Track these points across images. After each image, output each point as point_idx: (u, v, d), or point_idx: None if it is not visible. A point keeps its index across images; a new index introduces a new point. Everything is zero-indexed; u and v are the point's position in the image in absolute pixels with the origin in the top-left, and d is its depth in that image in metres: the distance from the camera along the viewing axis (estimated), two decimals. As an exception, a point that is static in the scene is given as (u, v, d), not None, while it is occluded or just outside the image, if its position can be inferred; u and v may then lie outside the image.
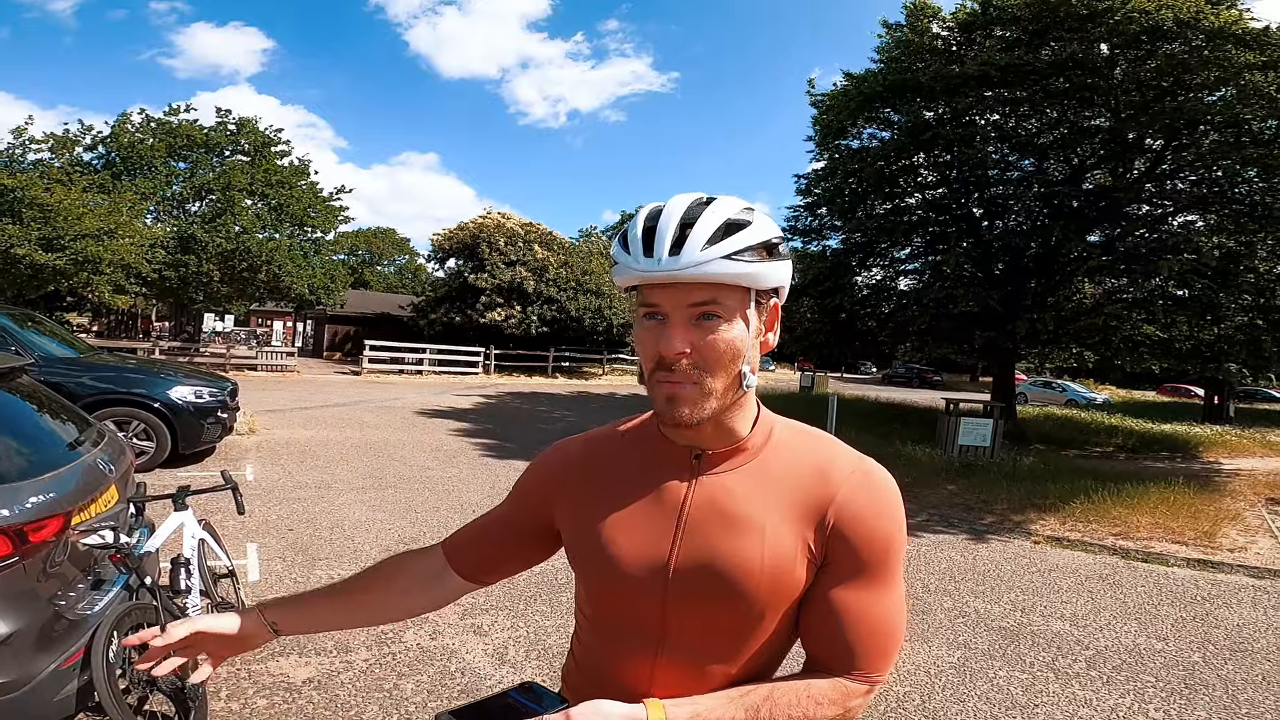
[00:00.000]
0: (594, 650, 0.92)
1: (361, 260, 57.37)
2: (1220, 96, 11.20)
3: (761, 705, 0.79)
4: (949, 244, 14.88)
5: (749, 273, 0.77)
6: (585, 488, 0.91)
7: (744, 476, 0.85)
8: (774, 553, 0.81)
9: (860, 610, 0.81)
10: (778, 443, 0.87)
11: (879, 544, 0.81)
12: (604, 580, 0.87)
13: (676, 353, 0.77)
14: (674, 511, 0.84)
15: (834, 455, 0.86)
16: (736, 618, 0.82)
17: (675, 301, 0.78)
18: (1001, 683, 3.40)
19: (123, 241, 17.90)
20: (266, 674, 3.00)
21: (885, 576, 0.83)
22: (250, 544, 4.63)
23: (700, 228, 0.76)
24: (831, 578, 0.82)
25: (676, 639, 0.84)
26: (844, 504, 0.81)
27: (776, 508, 0.82)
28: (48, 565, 2.19)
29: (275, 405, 12.24)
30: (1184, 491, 7.60)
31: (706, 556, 0.81)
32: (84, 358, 7.17)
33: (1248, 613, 4.67)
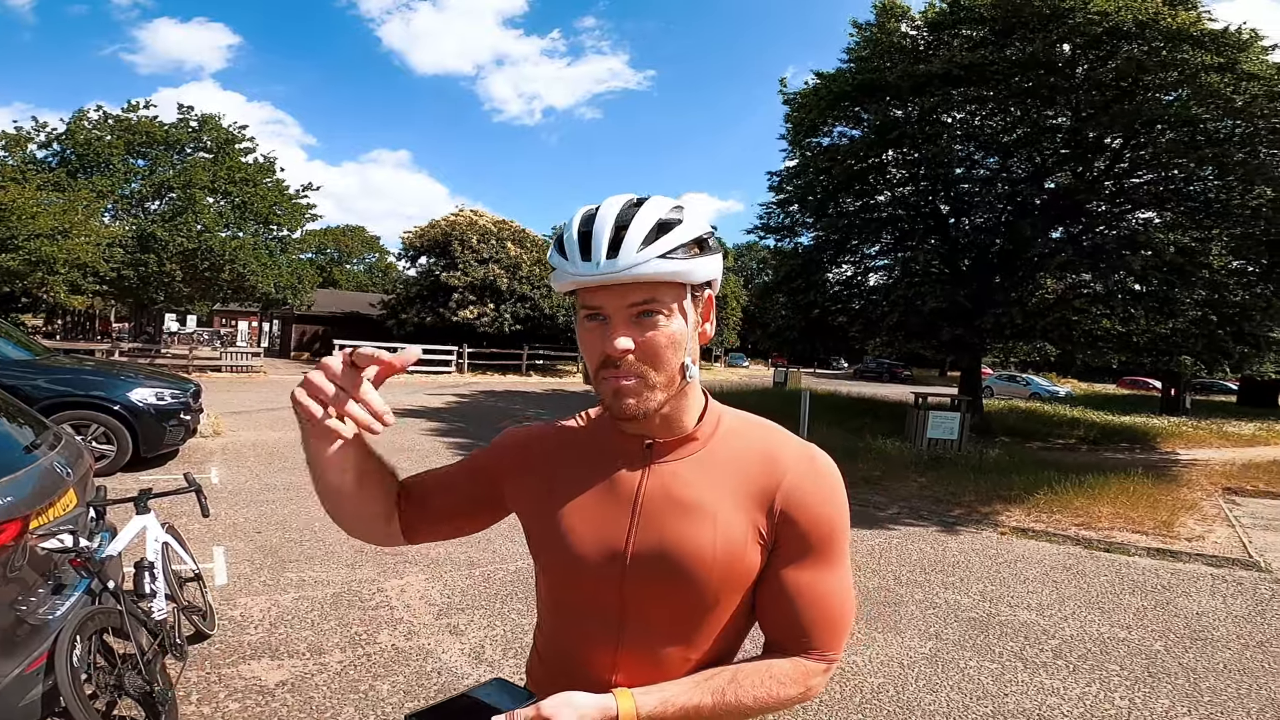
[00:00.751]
0: (556, 640, 0.94)
1: (330, 259, 56.35)
2: (1177, 97, 11.51)
3: (726, 688, 0.82)
4: (917, 241, 15.15)
5: (683, 269, 0.79)
6: (542, 474, 0.93)
7: (695, 464, 0.88)
8: (726, 538, 0.84)
9: (812, 591, 0.85)
10: (726, 431, 0.91)
11: (825, 527, 0.86)
12: (563, 568, 0.89)
13: (621, 351, 0.79)
14: (629, 500, 0.87)
15: (780, 443, 0.90)
16: (693, 602, 0.84)
17: (616, 302, 0.80)
18: (972, 673, 3.47)
19: (78, 241, 17.36)
20: (238, 677, 2.94)
21: (832, 558, 0.87)
22: (217, 547, 4.53)
23: (634, 229, 0.78)
24: (782, 560, 0.86)
25: (636, 625, 0.86)
26: (791, 489, 0.85)
27: (727, 494, 0.86)
28: (7, 570, 2.15)
29: (241, 407, 11.97)
30: (1143, 482, 7.84)
31: (662, 543, 0.84)
32: (40, 360, 6.94)
33: (1206, 601, 4.82)
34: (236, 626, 3.42)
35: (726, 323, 40.98)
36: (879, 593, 4.58)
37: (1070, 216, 13.36)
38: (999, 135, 13.80)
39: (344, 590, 3.99)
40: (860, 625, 3.99)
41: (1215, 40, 10.95)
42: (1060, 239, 13.69)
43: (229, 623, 3.45)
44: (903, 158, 14.66)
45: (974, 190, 14.16)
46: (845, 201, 15.68)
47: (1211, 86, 10.80)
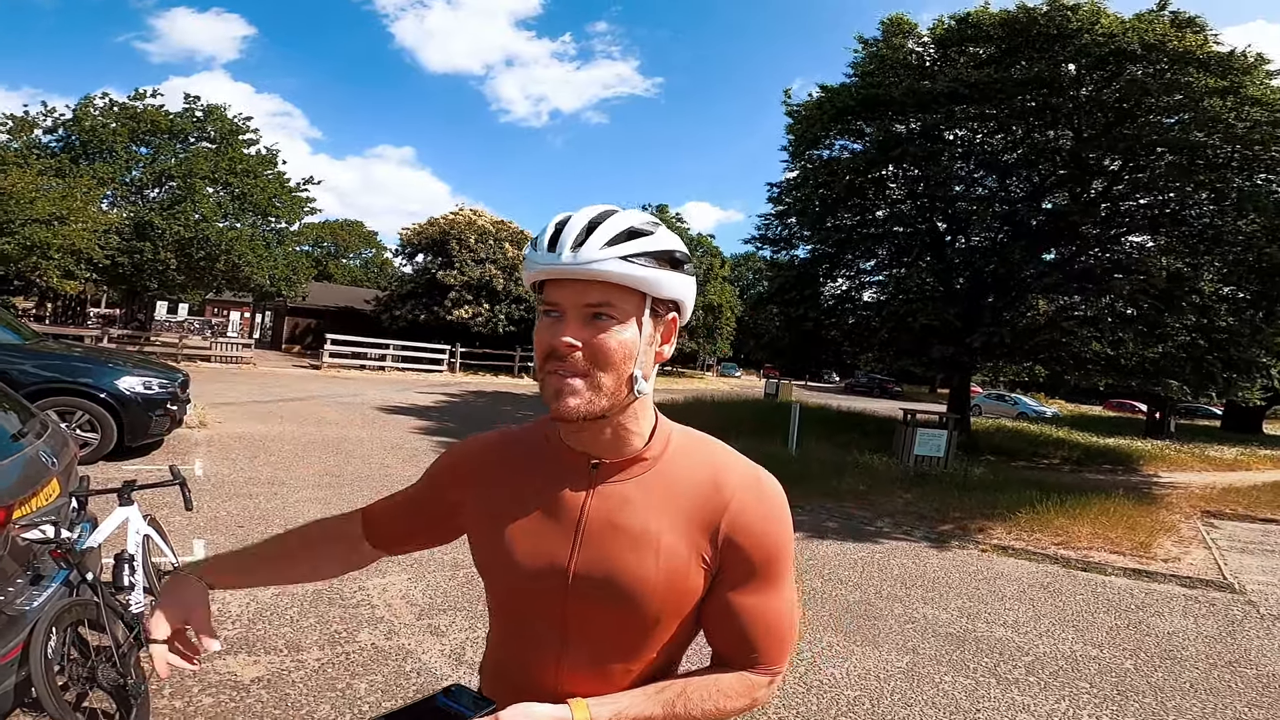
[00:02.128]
0: (503, 648, 0.95)
1: (326, 252, 56.13)
2: (1178, 120, 11.59)
3: (677, 700, 0.85)
4: (913, 258, 15.25)
5: (644, 277, 0.80)
6: (491, 487, 0.93)
7: (640, 487, 0.87)
8: (669, 565, 0.84)
9: (757, 611, 0.87)
10: (674, 452, 0.90)
11: (770, 550, 0.87)
12: (506, 583, 0.90)
13: (568, 344, 0.79)
14: (572, 520, 0.86)
15: (727, 465, 0.90)
16: (634, 624, 0.86)
17: (572, 299, 0.80)
18: (947, 688, 3.51)
19: (74, 227, 17.27)
20: (213, 672, 2.93)
21: (777, 579, 0.89)
22: (198, 540, 4.52)
23: (604, 229, 0.80)
24: (728, 584, 0.87)
25: (579, 640, 0.87)
26: (736, 514, 0.86)
27: (672, 519, 0.86)
28: None
29: (229, 398, 11.91)
30: (1123, 503, 7.92)
31: (603, 568, 0.84)
32: (28, 344, 6.89)
33: (1178, 621, 4.89)
34: (215, 621, 3.37)
35: (720, 332, 41.07)
36: (859, 606, 4.61)
37: (1064, 238, 13.48)
38: (999, 154, 13.93)
39: (325, 588, 3.99)
40: (839, 637, 4.02)
41: (1221, 63, 11.02)
42: (1053, 261, 13.82)
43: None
44: (903, 174, 14.77)
45: (971, 209, 14.26)
46: (843, 215, 15.78)
47: (1214, 111, 10.87)
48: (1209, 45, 11.15)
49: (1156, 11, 11.78)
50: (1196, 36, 11.16)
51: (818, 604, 4.58)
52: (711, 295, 38.91)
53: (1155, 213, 12.91)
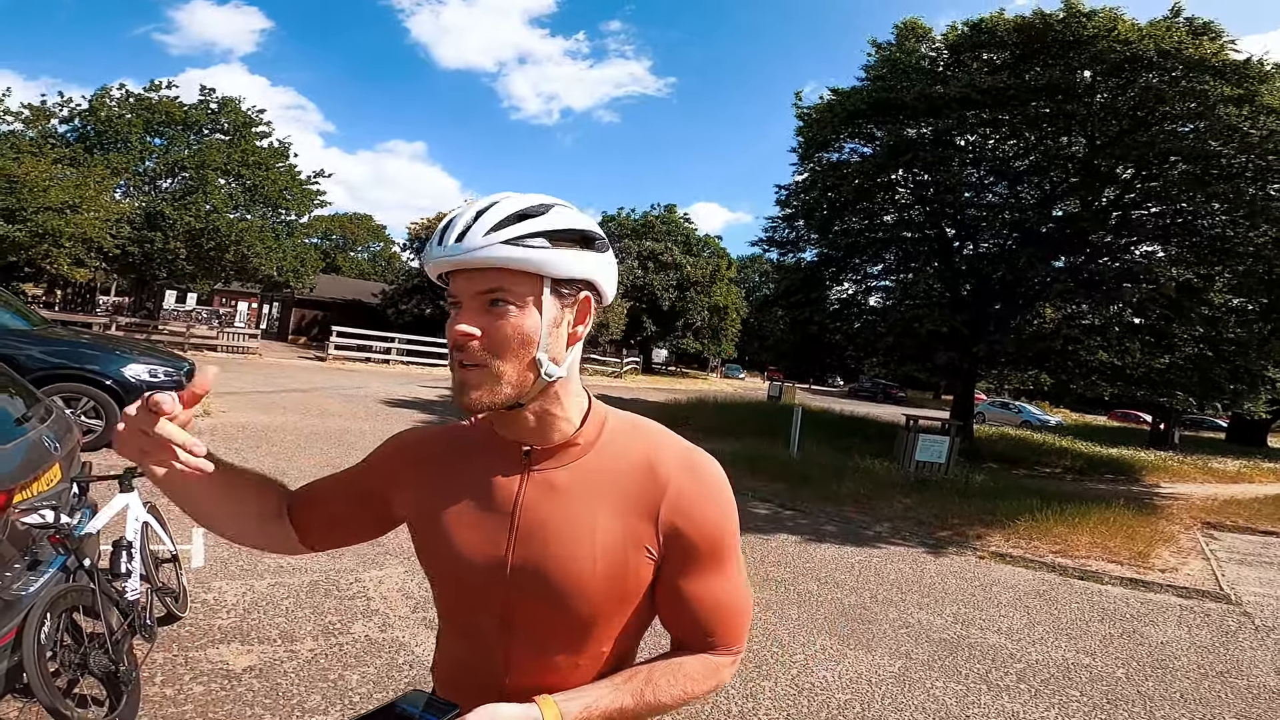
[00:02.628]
0: (452, 645, 0.94)
1: (335, 245, 56.38)
2: (1193, 129, 11.49)
3: (644, 689, 0.84)
4: (920, 263, 15.21)
5: (534, 259, 0.77)
6: (432, 479, 0.91)
7: (575, 473, 0.85)
8: (606, 555, 0.82)
9: (710, 595, 0.87)
10: (609, 437, 0.88)
11: (714, 532, 0.86)
12: (448, 577, 0.88)
13: (464, 335, 0.78)
14: (507, 510, 0.85)
15: (662, 447, 0.88)
16: (578, 615, 0.84)
17: (467, 289, 0.79)
18: (938, 693, 3.51)
19: (86, 216, 17.43)
20: (205, 661, 2.96)
21: (725, 560, 0.88)
22: (196, 529, 4.54)
23: (489, 216, 0.77)
24: (676, 570, 0.86)
25: (523, 634, 0.86)
26: (675, 500, 0.84)
27: (608, 506, 0.84)
28: None
29: (234, 388, 11.98)
30: (1123, 513, 7.89)
31: (540, 560, 0.83)
32: (36, 330, 6.96)
33: (1172, 631, 4.88)
34: (209, 610, 3.45)
35: (725, 334, 41.04)
36: (854, 610, 4.62)
37: (1073, 246, 13.41)
38: (1011, 161, 13.86)
39: (321, 579, 4.02)
40: (833, 641, 4.03)
41: (1237, 71, 10.92)
42: (1061, 268, 13.75)
43: (201, 606, 3.47)
44: (912, 179, 14.72)
45: (981, 215, 14.20)
46: (851, 219, 15.75)
47: (1229, 119, 10.76)
48: (1225, 52, 11.05)
49: (1172, 18, 11.70)
50: (1213, 44, 11.05)
51: (813, 607, 4.59)
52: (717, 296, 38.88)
53: (1166, 222, 12.82)
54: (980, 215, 14.20)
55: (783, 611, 4.43)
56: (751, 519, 7.15)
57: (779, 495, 8.25)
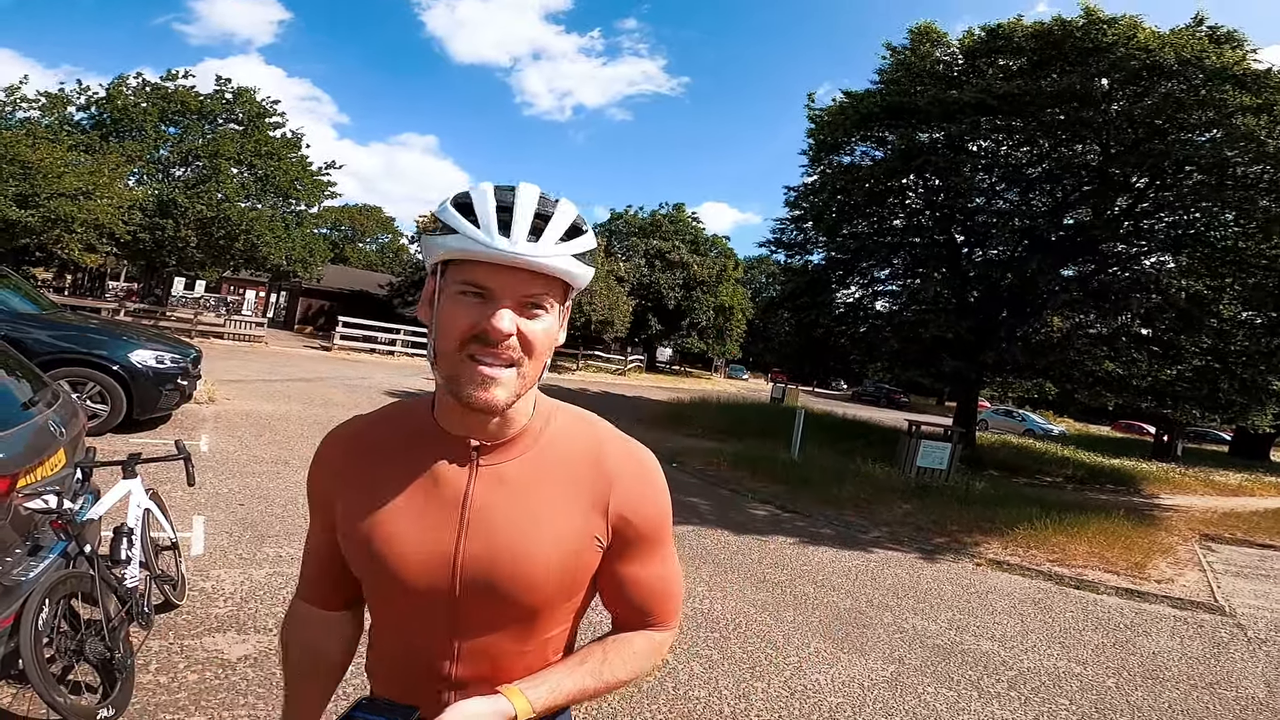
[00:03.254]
0: (391, 642, 0.92)
1: (344, 236, 56.56)
2: (1210, 138, 11.40)
3: (602, 669, 0.90)
4: (928, 269, 15.16)
5: (580, 273, 0.80)
6: (359, 479, 0.89)
7: (524, 467, 0.87)
8: (558, 544, 0.85)
9: (651, 578, 0.93)
10: (556, 431, 0.90)
11: (656, 521, 0.92)
12: (388, 577, 0.85)
13: (507, 333, 0.76)
14: (456, 505, 0.85)
15: (605, 442, 0.91)
16: (528, 606, 0.85)
17: (512, 287, 0.77)
18: (929, 699, 3.52)
19: (99, 202, 17.56)
20: (200, 649, 2.98)
21: (664, 545, 0.94)
22: (198, 517, 4.59)
23: (556, 222, 0.78)
24: (621, 558, 0.91)
25: (471, 626, 0.86)
26: (623, 494, 0.88)
27: (557, 499, 0.86)
28: None
29: (239, 376, 12.05)
30: (1122, 523, 7.88)
31: (492, 552, 0.83)
32: (45, 314, 7.02)
33: (1165, 641, 4.89)
34: (206, 598, 3.47)
35: (730, 334, 40.97)
36: (850, 614, 4.63)
37: (1083, 255, 13.34)
38: (1024, 168, 13.78)
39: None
40: (827, 644, 4.04)
41: (1257, 81, 10.83)
42: (1070, 277, 13.68)
43: (199, 594, 3.50)
44: (923, 183, 14.67)
45: (991, 222, 14.14)
46: (859, 223, 15.70)
47: (1247, 128, 10.68)
48: (1246, 61, 10.95)
49: (1194, 26, 11.61)
50: (1234, 52, 10.97)
51: (808, 610, 4.60)
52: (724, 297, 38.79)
53: (1179, 232, 12.73)
54: (990, 221, 14.14)
55: (778, 613, 4.45)
56: (750, 520, 7.16)
57: (779, 497, 8.26)
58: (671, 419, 14.37)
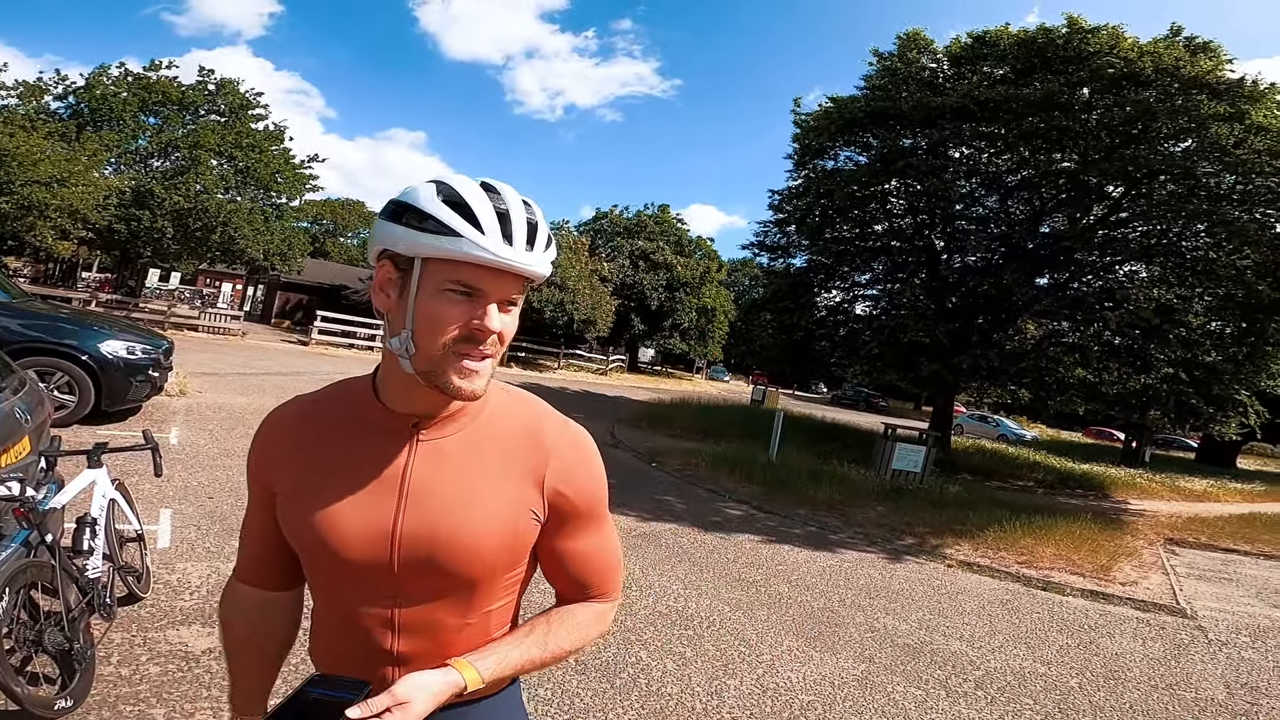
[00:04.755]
0: (332, 621, 0.94)
1: (324, 230, 55.83)
2: (1184, 149, 11.65)
3: (547, 639, 0.92)
4: (908, 274, 15.34)
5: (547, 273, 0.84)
6: (299, 458, 0.90)
7: (462, 443, 0.89)
8: (497, 519, 0.87)
9: (589, 552, 0.96)
10: (494, 409, 0.93)
11: (592, 496, 0.95)
12: (328, 553, 0.86)
13: (496, 331, 0.81)
14: (395, 481, 0.86)
15: (543, 420, 0.94)
16: (467, 581, 0.88)
17: (501, 289, 0.81)
18: (898, 697, 3.57)
19: (74, 189, 17.23)
20: (164, 641, 2.94)
21: (601, 519, 0.97)
22: (165, 509, 4.51)
23: (543, 230, 0.82)
24: (559, 532, 0.93)
25: (412, 599, 0.88)
26: (559, 470, 0.91)
27: (495, 474, 0.89)
28: None
29: (213, 369, 11.86)
30: (1089, 527, 8.03)
31: (431, 527, 0.85)
32: (15, 303, 6.85)
33: (1127, 643, 4.99)
34: (171, 591, 3.42)
35: (713, 335, 41.09)
36: (823, 613, 4.68)
37: (1058, 264, 13.57)
38: (1003, 175, 13.98)
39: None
40: (800, 642, 4.08)
41: (1230, 90, 11.06)
42: (1045, 286, 13.92)
43: (164, 587, 3.44)
44: (905, 189, 14.82)
45: (970, 228, 14.33)
46: (842, 227, 15.84)
47: (1218, 138, 10.89)
48: (1220, 70, 11.20)
49: (1171, 37, 11.88)
50: (1209, 61, 11.22)
51: (782, 609, 4.64)
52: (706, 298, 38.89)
53: (1151, 242, 12.97)
54: (970, 228, 14.34)
55: (752, 612, 4.48)
56: (727, 520, 7.20)
57: (755, 497, 8.31)
58: (652, 419, 14.38)
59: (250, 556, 0.99)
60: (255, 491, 0.96)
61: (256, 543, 0.98)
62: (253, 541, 0.99)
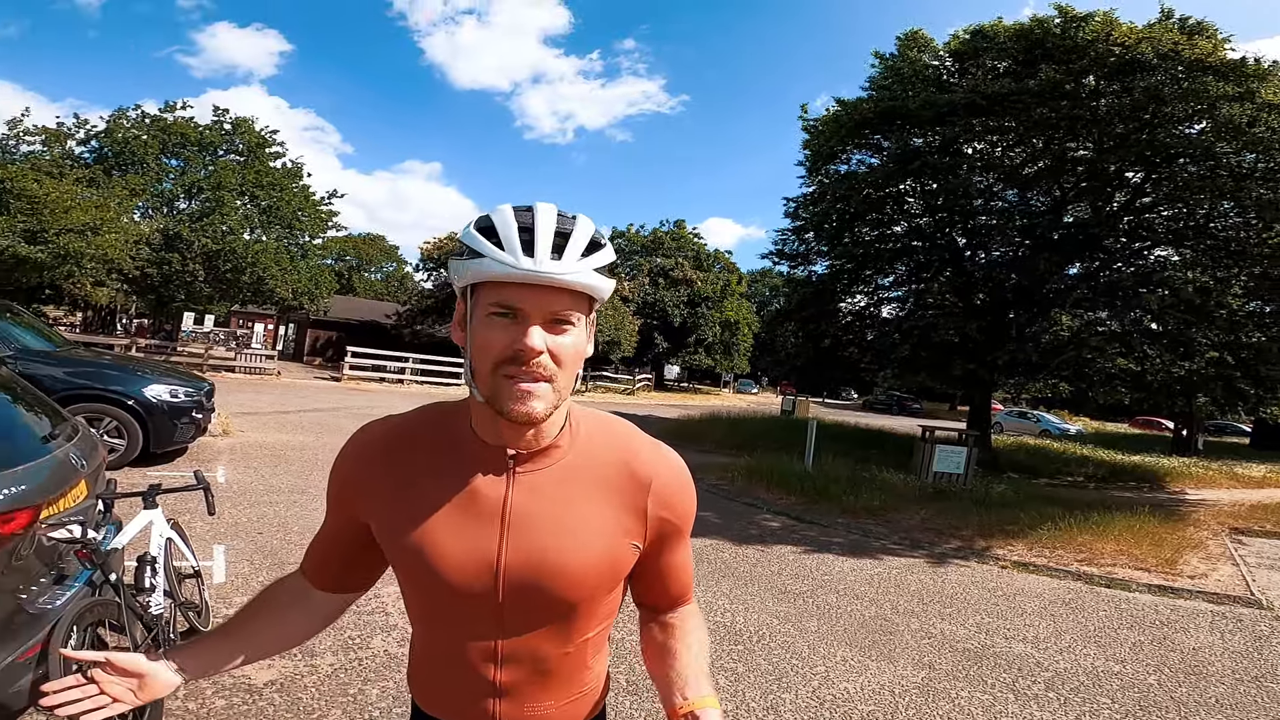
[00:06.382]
0: (436, 650, 0.95)
1: (349, 266, 57.07)
2: (1200, 131, 11.44)
3: (701, 640, 0.99)
4: (932, 273, 15.14)
5: (603, 287, 0.83)
6: (392, 485, 0.90)
7: (559, 474, 0.90)
8: (594, 547, 0.88)
9: (681, 565, 1.01)
10: (586, 438, 0.93)
11: (686, 515, 0.98)
12: (433, 584, 0.88)
13: (539, 350, 0.79)
14: (496, 513, 0.87)
15: (636, 448, 0.95)
16: (569, 609, 0.89)
17: (540, 306, 0.80)
18: (963, 703, 3.45)
19: (107, 237, 17.71)
20: (227, 676, 2.96)
21: (687, 535, 1.01)
22: (218, 546, 4.59)
23: (576, 239, 0.80)
24: (658, 552, 0.97)
25: (515, 627, 0.89)
26: (659, 493, 0.93)
27: (593, 502, 0.90)
28: (13, 558, 2.16)
29: (252, 408, 12.11)
30: (1149, 520, 7.75)
31: (535, 558, 0.86)
32: (60, 351, 7.09)
33: (1205, 637, 4.78)
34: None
35: (737, 349, 40.94)
36: (874, 621, 4.56)
37: (1087, 252, 13.31)
38: (1020, 167, 13.78)
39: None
40: (853, 652, 3.98)
41: (1235, 70, 10.89)
42: (1077, 275, 13.63)
43: (222, 620, 3.48)
44: (921, 188, 14.67)
45: (991, 223, 14.13)
46: (861, 231, 15.70)
47: (1231, 118, 10.72)
48: (1221, 51, 11.04)
49: (1163, 20, 11.74)
50: (1206, 43, 11.05)
51: (831, 619, 4.54)
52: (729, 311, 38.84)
53: (1180, 225, 12.69)
54: (991, 223, 14.13)
55: (801, 624, 4.38)
56: (767, 532, 7.09)
57: (794, 508, 8.19)
58: (682, 435, 14.31)
59: (314, 556, 1.03)
60: (333, 507, 0.98)
61: (321, 548, 1.02)
62: (320, 545, 1.02)
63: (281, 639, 1.03)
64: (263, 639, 1.01)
